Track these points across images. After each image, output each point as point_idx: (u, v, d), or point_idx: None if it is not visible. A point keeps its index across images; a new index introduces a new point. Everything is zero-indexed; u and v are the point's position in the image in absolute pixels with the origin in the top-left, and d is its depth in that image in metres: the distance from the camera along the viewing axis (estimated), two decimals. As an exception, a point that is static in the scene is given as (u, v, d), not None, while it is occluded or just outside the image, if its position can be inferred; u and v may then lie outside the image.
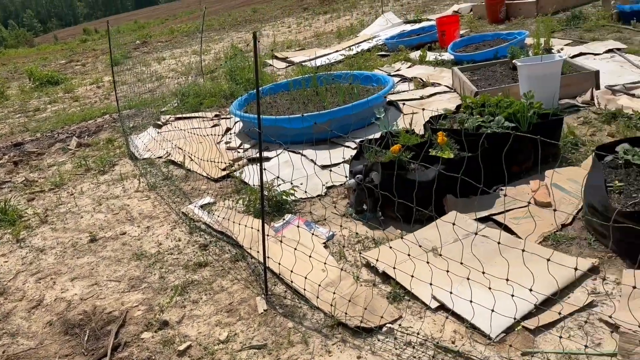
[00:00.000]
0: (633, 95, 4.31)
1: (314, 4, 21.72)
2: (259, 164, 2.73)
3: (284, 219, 3.42)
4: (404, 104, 5.33)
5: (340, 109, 4.79)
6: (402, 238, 2.77)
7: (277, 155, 4.60)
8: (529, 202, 3.02)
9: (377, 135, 3.98)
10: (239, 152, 4.88)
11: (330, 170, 3.82)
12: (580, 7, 8.46)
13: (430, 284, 2.35)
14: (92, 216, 4.19)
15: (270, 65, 9.31)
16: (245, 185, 4.05)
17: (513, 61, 4.85)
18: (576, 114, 4.31)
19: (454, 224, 2.44)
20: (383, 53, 8.38)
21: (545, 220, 2.88)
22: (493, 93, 4.58)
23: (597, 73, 4.63)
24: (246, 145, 5.01)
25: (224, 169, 4.40)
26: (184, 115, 6.36)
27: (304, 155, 4.48)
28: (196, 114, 6.42)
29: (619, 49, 5.73)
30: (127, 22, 45.50)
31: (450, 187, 3.22)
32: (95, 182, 4.97)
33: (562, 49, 6.00)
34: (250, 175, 4.06)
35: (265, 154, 4.66)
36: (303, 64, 8.54)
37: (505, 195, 3.20)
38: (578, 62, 5.19)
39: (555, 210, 2.91)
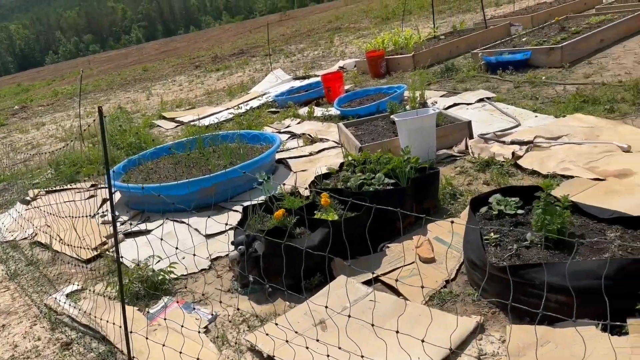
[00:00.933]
0: (503, 143, 4.57)
1: (206, 62, 21.72)
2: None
3: (161, 303, 3.10)
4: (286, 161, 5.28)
5: (226, 172, 4.61)
6: (289, 311, 2.59)
7: (160, 226, 4.27)
8: (413, 261, 2.98)
9: (263, 198, 3.84)
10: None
11: (216, 237, 3.59)
12: (452, 59, 9.14)
13: (316, 366, 2.17)
14: None
15: (158, 126, 8.98)
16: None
17: (391, 116, 5.00)
18: (453, 164, 4.47)
19: (345, 288, 2.30)
20: (273, 110, 8.40)
21: (431, 277, 2.85)
22: (376, 148, 4.66)
23: (469, 123, 4.89)
24: (124, 218, 4.63)
25: (95, 248, 3.98)
26: (57, 188, 5.81)
27: (189, 224, 4.20)
28: (71, 185, 5.90)
29: (488, 98, 6.16)
30: (10, 85, 42.60)
31: (337, 249, 3.12)
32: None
33: (436, 102, 6.34)
34: (127, 253, 3.69)
35: (146, 226, 4.31)
36: (192, 123, 8.31)
37: (387, 251, 3.15)
38: (452, 113, 5.48)
39: (442, 263, 2.89)
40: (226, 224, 3.74)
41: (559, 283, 2.20)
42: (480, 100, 6.19)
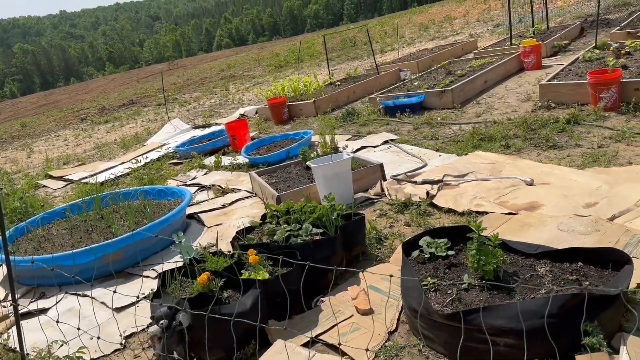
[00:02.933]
0: (415, 183, 4.68)
1: (93, 114, 20.57)
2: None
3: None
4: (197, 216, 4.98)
5: (132, 235, 4.20)
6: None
7: (57, 303, 3.75)
8: (351, 314, 2.85)
9: (181, 259, 3.53)
10: (4, 306, 3.87)
11: (128, 310, 3.20)
12: (351, 104, 9.43)
13: None
14: None
15: (44, 186, 8.16)
16: (14, 354, 3.13)
17: (307, 163, 4.94)
18: (372, 206, 4.48)
19: (286, 354, 2.09)
20: (175, 161, 8.03)
21: (371, 330, 2.73)
22: (293, 195, 4.55)
23: (381, 165, 4.96)
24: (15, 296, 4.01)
25: (-20, 337, 3.37)
26: None
27: (93, 298, 3.73)
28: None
29: (392, 140, 6.36)
30: None
31: (272, 311, 2.91)
32: None
33: (347, 146, 6.43)
34: (21, 337, 3.16)
35: (42, 303, 3.77)
36: (84, 181, 7.67)
37: (322, 305, 3.00)
38: (362, 156, 5.56)
39: (381, 313, 2.79)
40: (138, 296, 3.37)
41: (506, 325, 2.18)
42: (385, 142, 6.38)
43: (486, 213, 3.83)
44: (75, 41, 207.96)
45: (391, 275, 2.19)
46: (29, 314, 3.65)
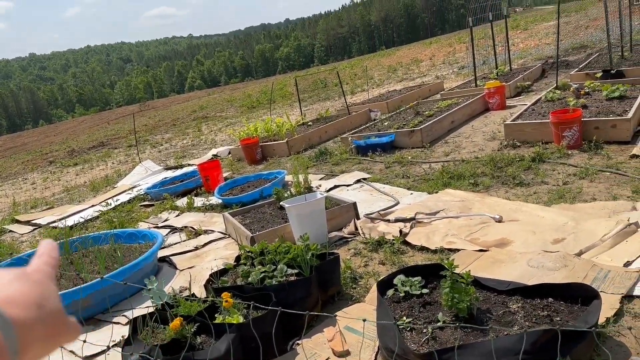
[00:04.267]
0: (388, 221, 4.73)
1: (61, 156, 20.24)
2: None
3: None
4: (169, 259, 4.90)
5: (101, 280, 4.10)
6: None
7: (22, 354, 3.59)
8: (328, 357, 2.83)
9: (152, 305, 3.45)
10: (-36, 360, 3.68)
11: (97, 358, 3.09)
12: (323, 144, 9.56)
13: None
14: None
15: (10, 231, 7.92)
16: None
17: (280, 203, 4.96)
18: (346, 245, 4.49)
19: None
20: (147, 203, 7.92)
21: (350, 372, 2.70)
22: (268, 236, 4.54)
23: (355, 204, 5.01)
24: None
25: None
26: None
27: (62, 347, 3.59)
28: None
29: (365, 179, 6.45)
30: None
31: (247, 356, 2.85)
32: None
33: (320, 185, 6.48)
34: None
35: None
36: (52, 225, 7.48)
37: (298, 349, 2.96)
38: (335, 195, 5.61)
39: (357, 355, 2.77)
40: (109, 345, 3.28)
41: (482, 363, 2.20)
42: (358, 181, 6.46)
43: (458, 250, 3.89)
44: (44, 83, 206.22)
45: (364, 320, 2.21)
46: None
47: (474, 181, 5.37)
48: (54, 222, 7.72)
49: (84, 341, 2.72)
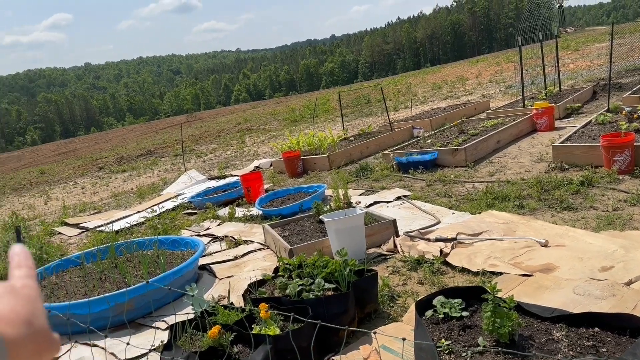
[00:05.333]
0: (429, 240, 4.67)
1: (111, 163, 20.99)
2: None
3: None
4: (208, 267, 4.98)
5: (144, 285, 4.21)
6: None
7: (65, 352, 3.72)
8: (365, 374, 2.80)
9: (192, 310, 3.52)
10: (13, 354, 3.85)
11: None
12: (364, 159, 9.56)
13: None
14: None
15: (60, 233, 8.25)
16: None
17: (320, 217, 4.98)
18: (384, 263, 4.46)
19: None
20: (190, 211, 8.11)
21: (385, 391, 2.67)
22: (306, 249, 4.56)
23: (394, 221, 4.98)
24: (24, 344, 4.00)
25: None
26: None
27: (104, 348, 3.70)
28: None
29: (405, 196, 6.40)
30: None
31: (281, 368, 2.87)
32: None
33: (360, 201, 6.47)
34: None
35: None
36: (99, 229, 7.75)
37: (338, 366, 2.95)
38: (375, 211, 5.59)
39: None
40: (150, 349, 3.35)
41: (523, 391, 2.13)
42: (398, 198, 6.41)
43: (500, 273, 3.80)
44: (97, 92, 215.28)
45: (404, 339, 2.19)
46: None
47: (519, 203, 5.24)
48: (101, 226, 7.99)
49: (127, 344, 2.80)
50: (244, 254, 5.38)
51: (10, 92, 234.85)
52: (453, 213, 5.46)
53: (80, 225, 8.49)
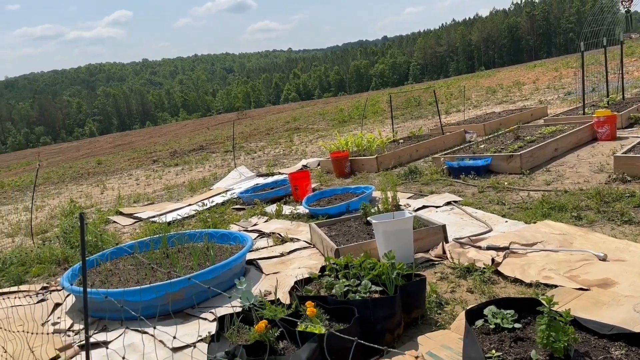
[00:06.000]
0: (479, 248, 4.55)
1: (164, 157, 21.63)
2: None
3: None
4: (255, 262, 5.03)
5: (195, 275, 4.31)
6: None
7: (117, 337, 3.86)
8: (411, 380, 2.76)
9: (238, 303, 3.57)
10: (69, 335, 4.02)
11: (184, 351, 3.23)
12: (413, 162, 9.43)
13: None
14: None
15: (114, 222, 8.57)
16: (74, 384, 3.23)
17: (368, 218, 4.95)
18: (432, 268, 4.38)
19: None
20: (238, 207, 8.24)
21: (430, 399, 2.61)
22: (352, 250, 4.54)
23: (444, 227, 4.88)
24: (79, 326, 4.18)
25: (46, 364, 3.51)
26: (1, 291, 5.27)
27: (152, 335, 3.81)
28: (17, 288, 5.37)
29: (456, 202, 6.26)
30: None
31: (324, 367, 2.86)
32: None
33: (409, 204, 6.39)
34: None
35: (104, 335, 3.89)
36: (152, 220, 8.00)
37: (383, 370, 2.92)
38: (424, 215, 5.49)
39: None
40: (198, 339, 3.42)
41: (579, 410, 2.04)
42: (448, 203, 6.28)
43: (555, 286, 3.65)
44: (153, 87, 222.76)
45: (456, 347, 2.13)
46: (91, 345, 3.77)
47: (576, 214, 5.03)
48: (154, 217, 8.25)
49: (174, 337, 2.88)
50: (290, 252, 5.42)
51: (72, 85, 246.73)
52: (506, 221, 5.30)
53: (134, 215, 8.80)
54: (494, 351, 2.59)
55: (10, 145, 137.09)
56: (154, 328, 3.22)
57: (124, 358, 2.35)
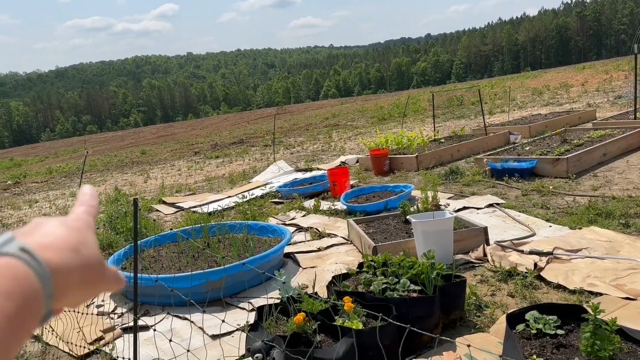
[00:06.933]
0: (522, 252, 4.46)
1: (206, 148, 22.04)
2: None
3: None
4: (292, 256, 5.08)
5: (235, 265, 4.39)
6: None
7: (159, 322, 3.98)
8: (448, 381, 2.74)
9: (277, 295, 3.63)
10: (112, 318, 4.18)
11: (223, 338, 3.30)
12: (454, 162, 9.29)
13: None
14: None
15: (157, 210, 8.81)
16: (119, 364, 3.35)
17: (407, 217, 4.92)
18: (472, 271, 4.32)
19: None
20: (277, 200, 8.33)
21: (467, 401, 2.59)
22: (390, 248, 4.52)
23: (486, 229, 4.80)
24: (122, 310, 4.33)
25: (92, 343, 3.65)
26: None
27: (192, 322, 3.92)
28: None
29: (498, 204, 6.14)
30: (2, 159, 42.80)
31: (361, 362, 2.87)
32: None
33: (448, 204, 6.31)
34: (125, 350, 3.39)
35: (144, 320, 4.02)
36: (193, 210, 8.18)
37: (419, 369, 2.91)
38: (465, 217, 5.41)
39: (475, 387, 2.65)
40: (237, 327, 3.49)
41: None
42: (490, 205, 6.17)
43: (600, 294, 3.54)
44: (197, 81, 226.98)
45: (502, 357, 2.10)
46: (131, 329, 3.90)
47: (624, 222, 4.86)
48: (195, 207, 8.43)
49: (223, 321, 2.95)
50: (327, 247, 5.44)
51: (118, 76, 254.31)
52: (550, 226, 5.17)
53: (176, 204, 9.02)
54: (535, 357, 2.54)
55: (58, 132, 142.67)
56: (204, 312, 3.30)
57: (170, 341, 2.41)
